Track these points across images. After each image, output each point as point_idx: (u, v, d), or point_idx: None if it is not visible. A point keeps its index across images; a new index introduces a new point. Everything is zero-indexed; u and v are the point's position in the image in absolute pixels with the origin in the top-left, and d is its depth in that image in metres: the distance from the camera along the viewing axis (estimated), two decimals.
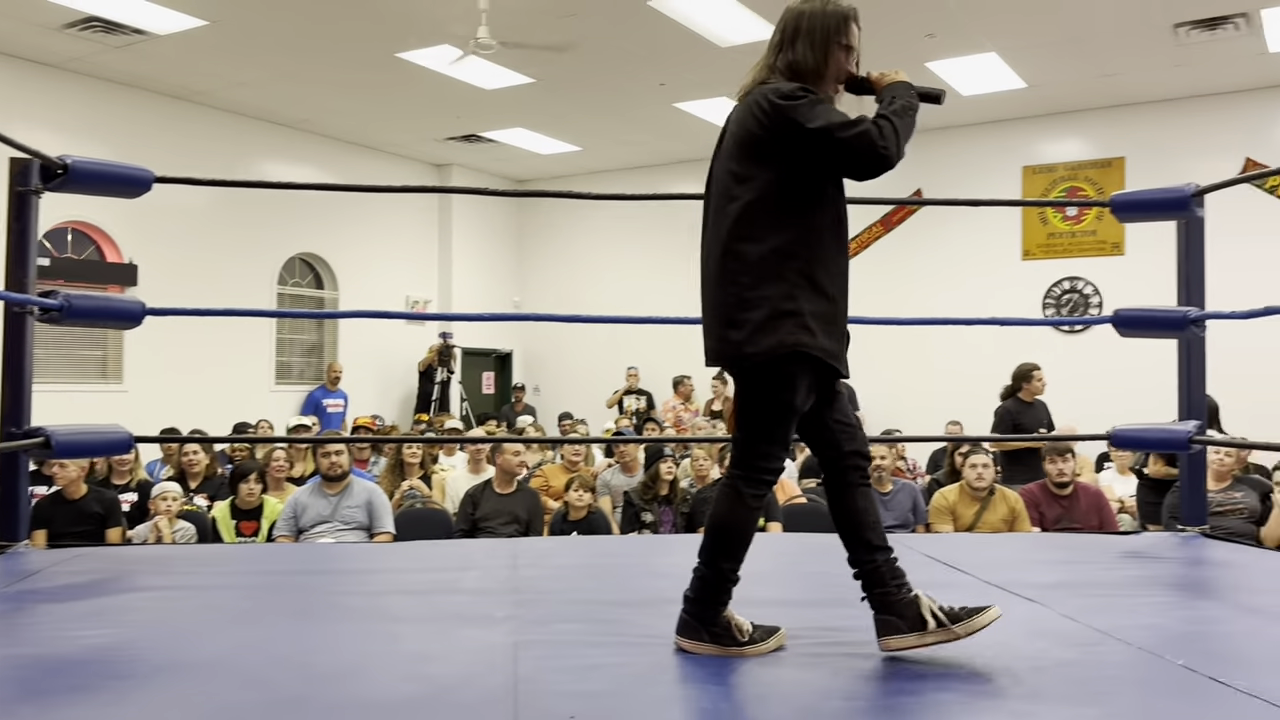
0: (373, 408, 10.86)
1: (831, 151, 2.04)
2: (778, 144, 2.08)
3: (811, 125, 2.04)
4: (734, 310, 2.12)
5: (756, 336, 2.08)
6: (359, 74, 8.80)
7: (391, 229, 11.74)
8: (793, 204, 2.10)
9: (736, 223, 2.13)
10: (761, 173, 2.10)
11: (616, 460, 6.85)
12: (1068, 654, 2.13)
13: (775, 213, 2.09)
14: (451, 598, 2.67)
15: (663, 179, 12.17)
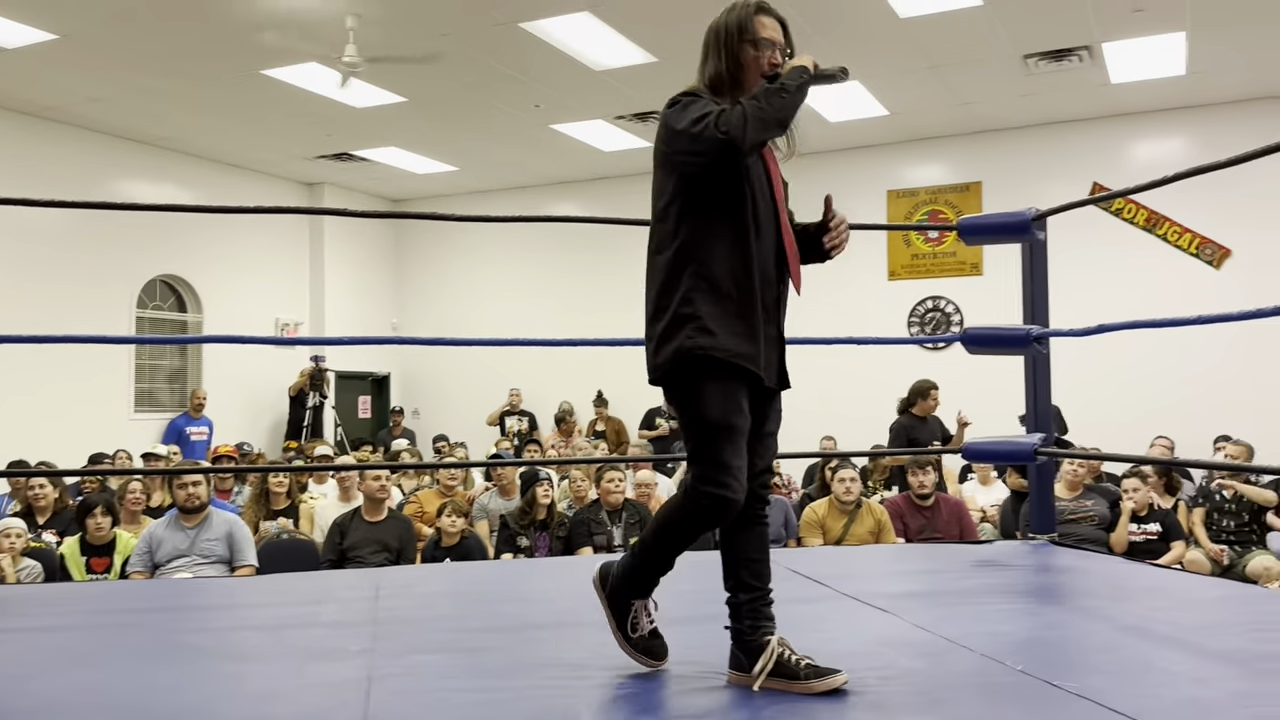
0: (240, 435, 10.49)
1: (686, 147, 2.03)
2: (669, 151, 2.09)
3: (678, 126, 2.04)
4: (648, 324, 2.11)
5: (662, 346, 2.05)
6: (223, 91, 8.54)
7: (260, 249, 11.41)
8: (691, 207, 2.08)
9: (651, 236, 2.14)
10: (668, 183, 2.10)
11: (494, 483, 6.79)
12: (914, 663, 2.19)
13: (677, 218, 2.09)
14: (305, 632, 2.59)
15: (542, 200, 12.16)
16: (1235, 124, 8.92)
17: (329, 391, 11.21)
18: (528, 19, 6.99)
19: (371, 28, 7.05)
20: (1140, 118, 9.34)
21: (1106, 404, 8.84)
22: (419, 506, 6.44)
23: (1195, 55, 7.74)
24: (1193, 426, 8.40)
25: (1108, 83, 8.38)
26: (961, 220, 3.77)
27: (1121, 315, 8.61)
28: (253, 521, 6.18)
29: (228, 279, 11.01)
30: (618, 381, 11.05)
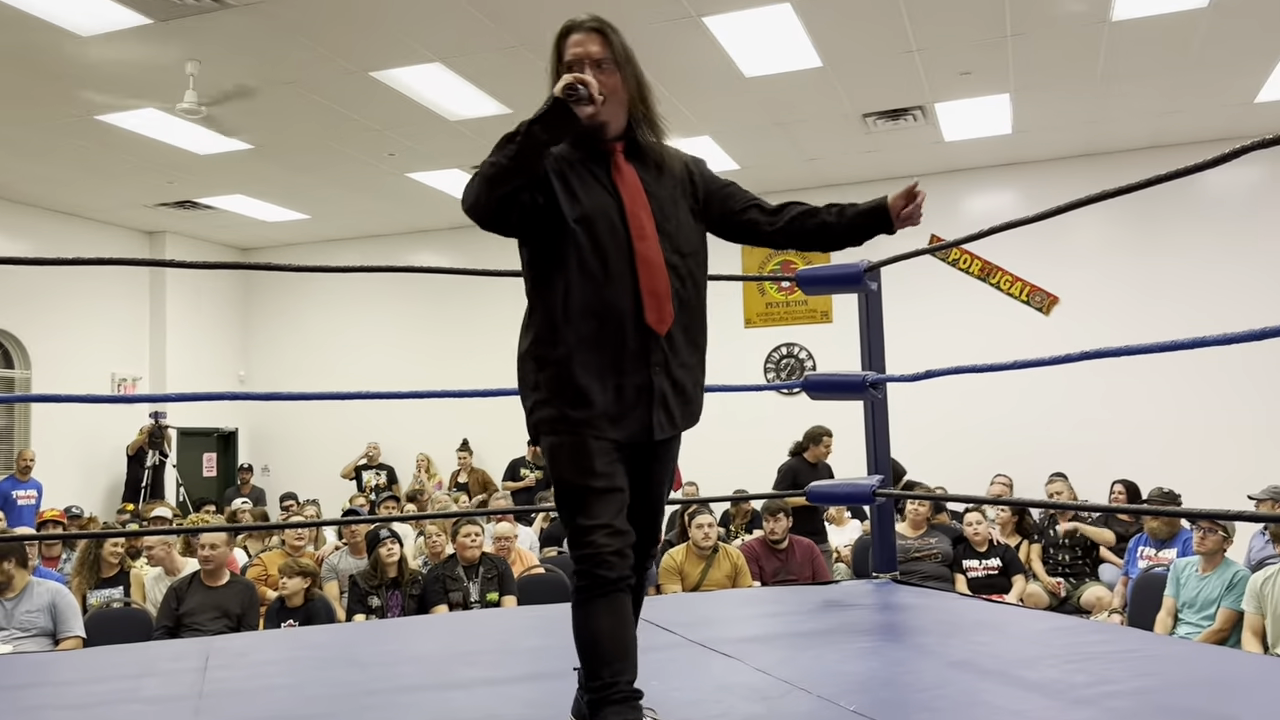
0: (73, 497, 9.85)
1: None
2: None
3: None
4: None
5: (526, 412, 2.04)
6: (56, 137, 8.14)
7: (95, 301, 10.83)
8: (532, 262, 2.06)
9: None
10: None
11: (346, 541, 6.57)
12: (754, 707, 2.22)
13: (527, 276, 2.08)
14: (122, 709, 2.43)
15: (398, 248, 11.99)
16: (1058, 178, 9.54)
17: (170, 449, 10.68)
18: (378, 69, 6.93)
19: (213, 74, 6.86)
20: (972, 173, 9.90)
21: (948, 444, 9.23)
22: (264, 569, 6.16)
23: (1019, 115, 8.26)
24: (1030, 464, 8.84)
25: (941, 140, 8.85)
26: (800, 272, 3.90)
27: (959, 359, 8.99)
28: (81, 591, 5.80)
29: (60, 333, 10.40)
30: (482, 430, 10.90)
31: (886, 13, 6.23)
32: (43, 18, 5.99)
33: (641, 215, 2.00)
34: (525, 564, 6.48)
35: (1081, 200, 3.00)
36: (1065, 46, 6.85)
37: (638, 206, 2.01)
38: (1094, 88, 7.66)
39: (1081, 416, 9.17)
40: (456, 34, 6.36)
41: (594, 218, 1.99)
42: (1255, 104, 8.01)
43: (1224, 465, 8.26)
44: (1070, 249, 9.43)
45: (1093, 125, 8.61)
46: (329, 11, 6.04)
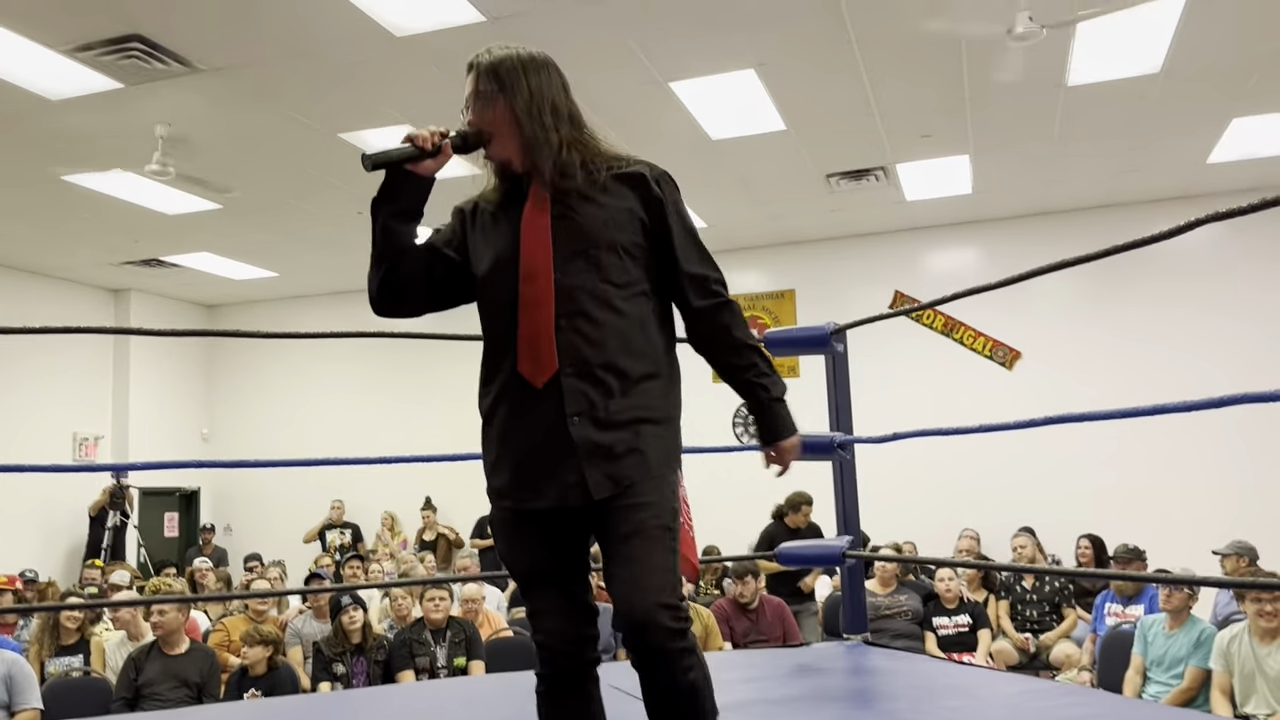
0: (31, 560, 9.63)
1: None
2: None
3: None
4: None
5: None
6: (19, 195, 8.09)
7: (57, 358, 10.67)
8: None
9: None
10: None
11: (310, 605, 6.46)
12: None
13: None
14: None
15: (364, 304, 11.81)
16: (1017, 236, 9.73)
17: (132, 510, 10.49)
18: (345, 130, 6.98)
19: (182, 135, 6.87)
20: (934, 231, 10.08)
21: (914, 497, 9.26)
22: (226, 635, 6.04)
23: (979, 175, 8.45)
24: (997, 516, 8.89)
25: (903, 200, 9.02)
26: (768, 334, 3.94)
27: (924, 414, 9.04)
28: (39, 659, 5.66)
29: (21, 390, 10.24)
30: (447, 486, 10.79)
31: (848, 78, 6.37)
32: (13, 83, 5.98)
33: (537, 252, 1.83)
34: (493, 627, 6.41)
35: (1044, 268, 3.08)
36: (1022, 110, 7.03)
37: (535, 243, 1.84)
38: (1051, 149, 7.86)
39: (1048, 469, 9.25)
40: (425, 97, 6.43)
41: (492, 268, 1.89)
42: (1208, 164, 8.24)
43: (1190, 518, 8.35)
44: (1031, 305, 9.58)
45: (1050, 184, 8.82)
46: (298, 75, 6.09)
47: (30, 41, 5.53)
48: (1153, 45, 6.02)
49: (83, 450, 10.90)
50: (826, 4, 5.43)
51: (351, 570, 8.20)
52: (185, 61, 5.83)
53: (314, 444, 11.53)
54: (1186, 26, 5.76)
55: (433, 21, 5.50)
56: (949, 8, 5.50)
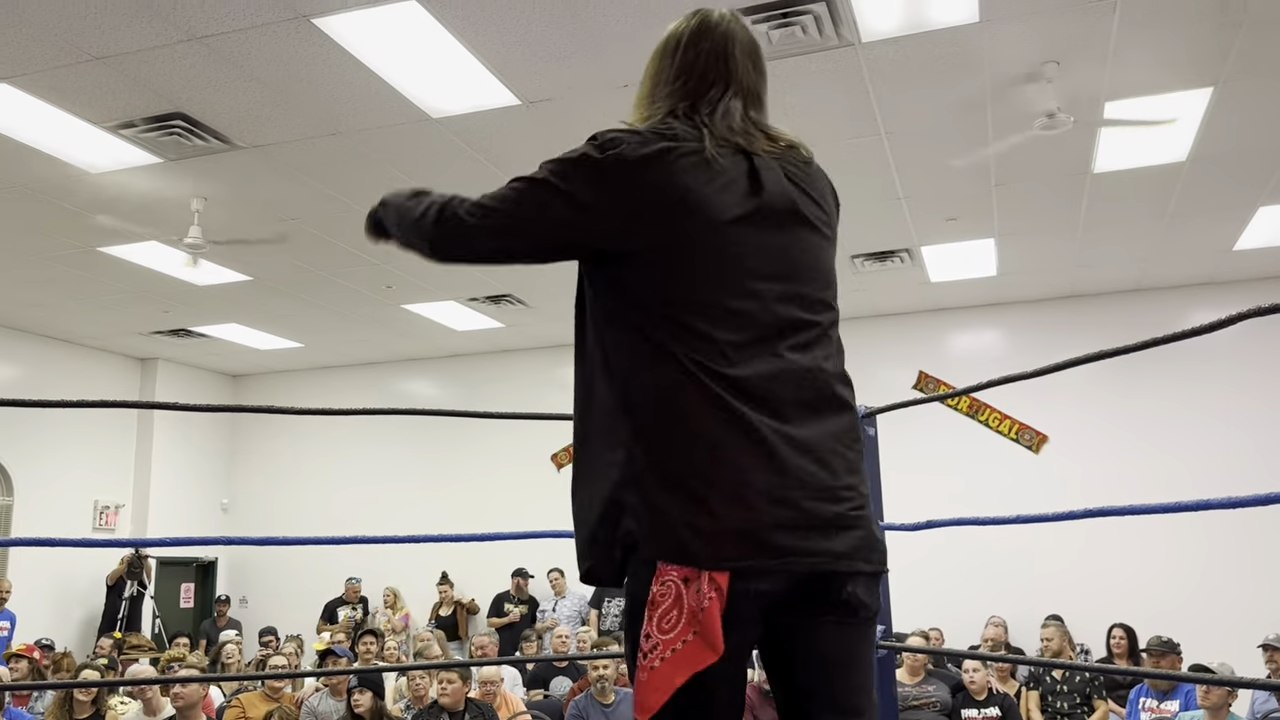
0: (47, 629, 9.58)
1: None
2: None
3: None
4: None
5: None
6: (57, 267, 8.24)
7: (81, 426, 10.74)
8: None
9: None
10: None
11: (325, 683, 6.37)
12: None
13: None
14: None
15: (391, 376, 12.02)
16: (1043, 319, 9.72)
17: (149, 581, 10.44)
18: None
19: (217, 210, 7.00)
20: (958, 312, 10.07)
21: (941, 584, 9.10)
22: (241, 712, 5.95)
23: (1004, 258, 8.47)
24: (1026, 603, 8.72)
25: (927, 280, 9.04)
26: None
27: (949, 497, 8.96)
28: None
29: (44, 459, 10.29)
30: (465, 561, 10.68)
31: (875, 165, 6.44)
32: (55, 155, 6.14)
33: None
34: (512, 709, 6.29)
35: (1079, 359, 3.03)
36: (1048, 196, 7.07)
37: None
38: (1077, 234, 7.88)
39: (1078, 554, 9.09)
40: (459, 176, 6.53)
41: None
42: (1235, 251, 8.24)
43: (1225, 608, 8.17)
44: (1059, 388, 9.50)
45: (1076, 269, 8.83)
46: (334, 153, 6.22)
47: (75, 118, 5.69)
48: (1179, 134, 6.07)
49: (103, 519, 10.91)
50: (857, 95, 5.51)
51: (365, 646, 8.09)
52: (224, 138, 5.97)
53: (334, 515, 11.51)
54: (1213, 116, 5.81)
55: (468, 104, 5.62)
56: (978, 97, 5.58)
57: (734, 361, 1.48)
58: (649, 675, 1.43)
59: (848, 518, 1.49)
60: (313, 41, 4.93)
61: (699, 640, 1.40)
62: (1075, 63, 5.20)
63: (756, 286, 1.54)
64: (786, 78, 5.34)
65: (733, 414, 1.46)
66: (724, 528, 1.42)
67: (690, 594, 1.42)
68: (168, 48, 4.96)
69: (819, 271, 1.63)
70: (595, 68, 5.22)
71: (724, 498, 1.43)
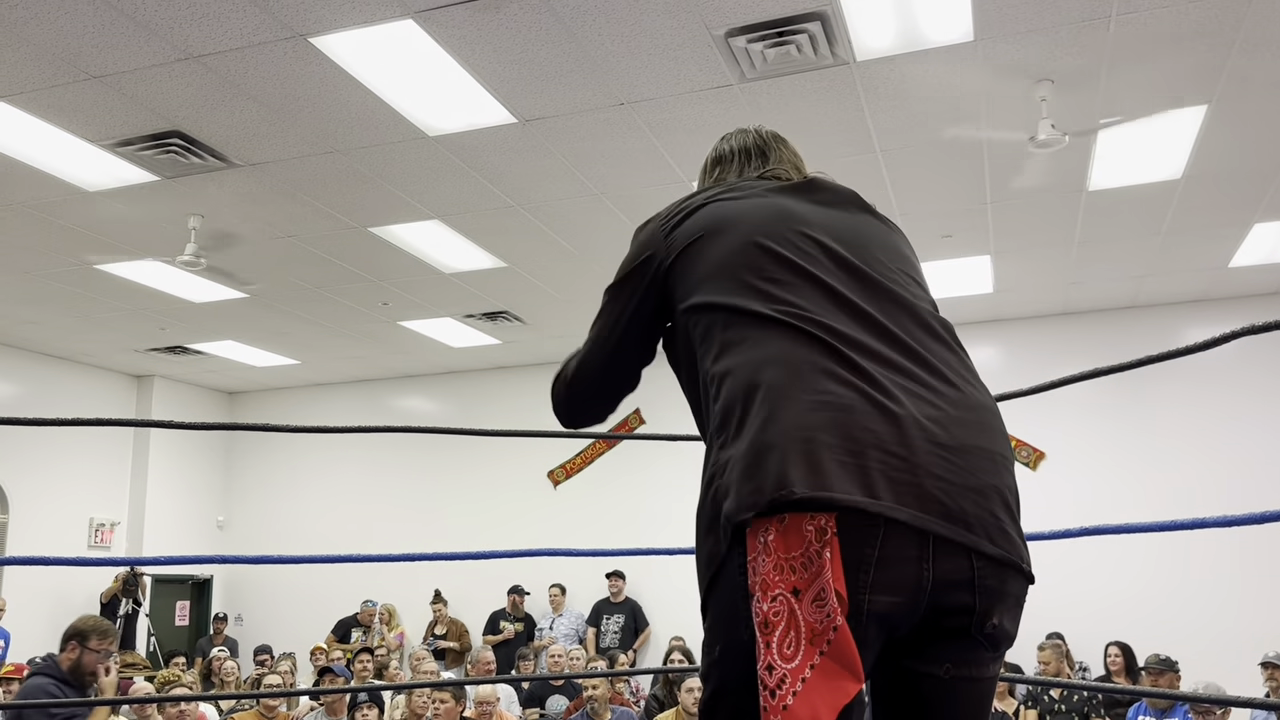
0: (42, 646, 9.50)
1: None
2: None
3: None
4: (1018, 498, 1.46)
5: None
6: (51, 284, 8.23)
7: (77, 442, 10.70)
8: None
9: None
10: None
11: (322, 703, 6.33)
12: None
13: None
14: None
15: (386, 392, 12.00)
16: (1039, 336, 9.72)
17: (144, 598, 10.39)
18: (377, 225, 7.10)
19: (215, 227, 7.01)
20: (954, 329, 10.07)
21: None
22: None
23: (1000, 276, 8.48)
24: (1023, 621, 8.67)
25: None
26: None
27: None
28: None
29: (39, 476, 10.26)
30: (458, 579, 10.64)
31: (870, 183, 6.45)
32: (53, 174, 6.14)
33: None
34: None
35: (1078, 375, 3.03)
36: (1044, 213, 7.09)
37: None
38: (1073, 251, 7.90)
39: (1076, 572, 9.06)
40: (456, 194, 6.55)
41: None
42: (1230, 268, 8.26)
43: (1224, 625, 8.14)
44: (1055, 405, 9.50)
45: (1072, 286, 8.84)
46: (331, 171, 6.23)
47: (72, 136, 5.69)
48: (1174, 151, 6.09)
49: (98, 536, 10.87)
50: (850, 109, 5.53)
51: (361, 664, 8.06)
52: (222, 156, 5.98)
53: (330, 533, 11.48)
54: (1208, 133, 5.84)
55: (464, 122, 5.63)
56: (973, 117, 5.60)
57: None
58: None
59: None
60: (309, 60, 4.95)
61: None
62: (1069, 81, 5.22)
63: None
64: (781, 97, 5.36)
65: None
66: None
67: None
68: (165, 66, 4.98)
69: (895, 271, 1.71)
70: (591, 86, 5.24)
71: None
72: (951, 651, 1.38)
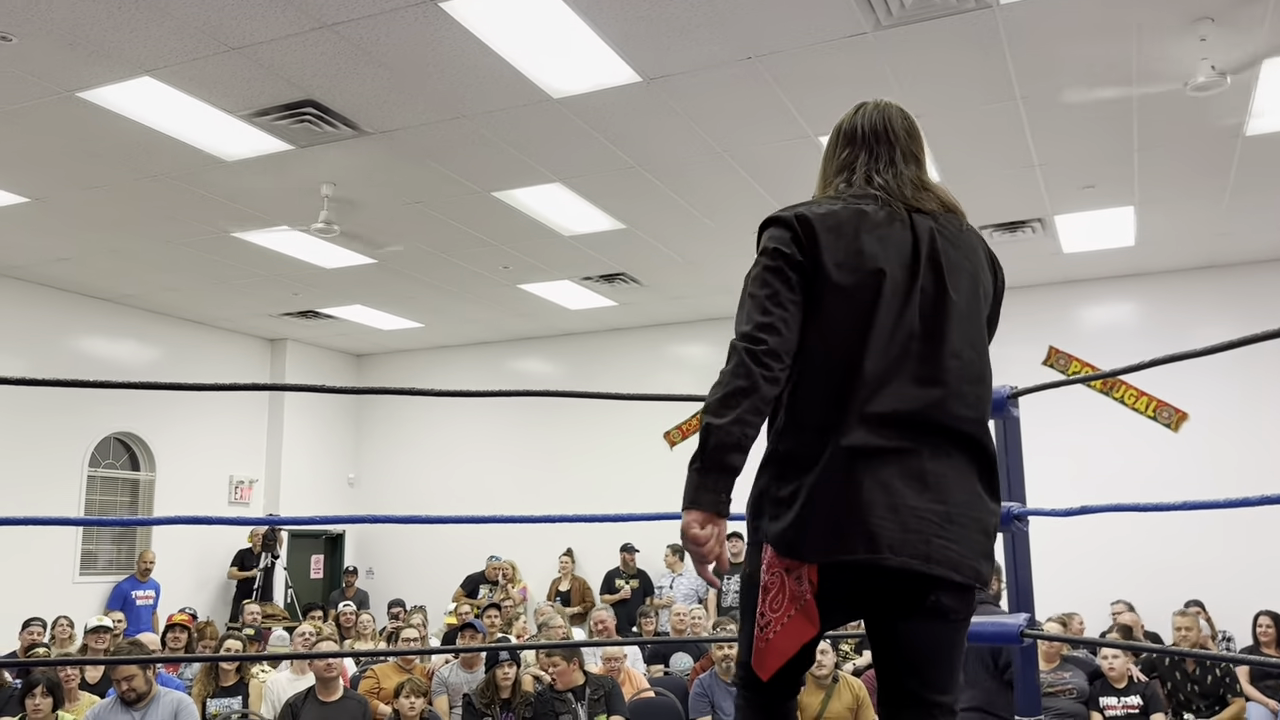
0: (187, 598, 10.08)
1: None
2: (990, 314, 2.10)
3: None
4: (996, 517, 1.88)
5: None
6: (193, 252, 8.57)
7: (217, 404, 11.18)
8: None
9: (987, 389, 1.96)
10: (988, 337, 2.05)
11: (457, 657, 6.50)
12: None
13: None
14: None
15: (507, 355, 12.19)
16: (1182, 290, 9.24)
17: (281, 551, 10.85)
18: (500, 189, 7.15)
19: (346, 194, 7.16)
20: (1092, 284, 9.65)
21: (1075, 568, 8.77)
22: (375, 682, 6.13)
23: (1143, 227, 8.06)
24: (1162, 588, 8.35)
25: (1060, 251, 8.68)
26: None
27: (1081, 478, 8.58)
28: (200, 698, 5.85)
29: (182, 436, 10.78)
30: (587, 537, 10.77)
31: (1009, 130, 6.18)
32: (193, 144, 6.35)
33: None
34: (635, 686, 6.32)
35: (1234, 342, 2.82)
36: (1195, 160, 6.69)
37: None
38: (1223, 200, 7.45)
39: (1219, 538, 8.64)
40: (578, 156, 6.53)
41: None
42: None
43: None
44: (1199, 362, 9.03)
45: (1220, 237, 8.35)
46: (457, 137, 6.28)
47: (211, 107, 5.87)
48: None
49: (238, 493, 11.38)
50: (991, 56, 5.29)
51: (489, 620, 8.25)
52: (353, 125, 6.09)
53: (455, 490, 11.77)
54: None
55: (590, 83, 5.59)
56: (1122, 60, 5.29)
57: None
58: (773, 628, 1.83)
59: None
60: (439, 25, 4.97)
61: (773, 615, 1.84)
62: (1231, 18, 4.87)
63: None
64: (918, 44, 5.16)
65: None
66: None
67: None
68: (299, 36, 5.07)
69: (957, 313, 1.95)
70: (719, 40, 5.13)
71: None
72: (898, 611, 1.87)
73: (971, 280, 1.92)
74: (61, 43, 5.10)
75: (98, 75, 5.46)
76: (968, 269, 1.92)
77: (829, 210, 1.87)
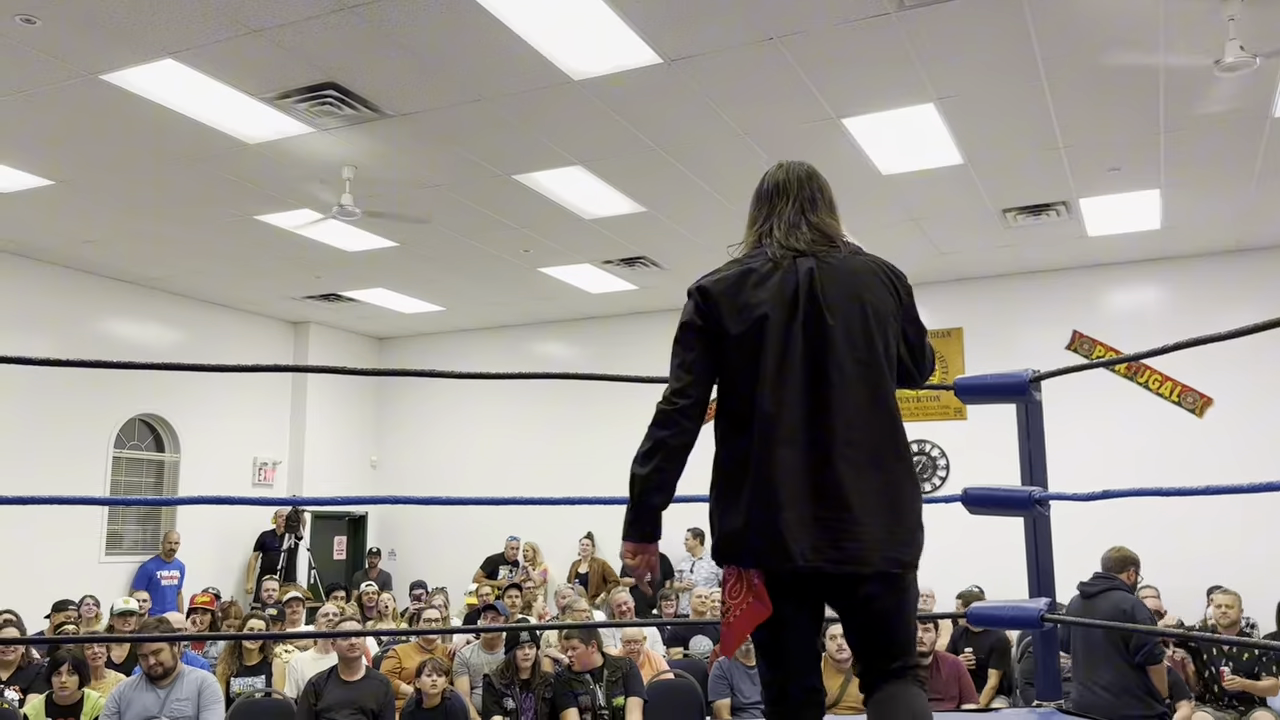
0: (211, 578, 10.18)
1: (929, 368, 2.38)
2: (899, 325, 2.25)
3: (919, 319, 2.32)
4: (914, 504, 2.15)
5: (919, 537, 2.15)
6: (217, 234, 8.63)
7: (241, 386, 11.27)
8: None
9: (894, 405, 2.17)
10: (891, 350, 2.21)
11: (479, 638, 6.54)
12: None
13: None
14: None
15: (528, 338, 12.21)
16: (1208, 274, 9.14)
17: (304, 532, 10.95)
18: (521, 172, 7.15)
19: (368, 177, 7.18)
20: (1117, 268, 9.55)
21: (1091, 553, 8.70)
22: (397, 662, 6.18)
23: (1169, 210, 7.97)
24: (1181, 576, 8.28)
25: (1084, 235, 8.60)
26: (958, 380, 3.76)
27: (1105, 463, 8.52)
28: (224, 677, 5.92)
29: (206, 417, 10.87)
30: (611, 520, 10.78)
31: (1034, 111, 6.12)
32: (216, 127, 6.39)
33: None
34: (655, 668, 6.33)
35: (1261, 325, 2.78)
36: (1222, 143, 6.60)
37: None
38: (1251, 184, 7.35)
39: (1238, 524, 8.56)
40: (598, 138, 6.52)
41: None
42: None
43: None
44: (1223, 347, 8.92)
45: (1247, 221, 8.25)
46: (478, 119, 6.28)
47: (234, 90, 5.89)
48: None
49: (262, 474, 11.48)
50: (1017, 36, 5.23)
51: (510, 600, 8.30)
52: (375, 107, 6.10)
53: (477, 471, 11.83)
54: None
55: (610, 65, 5.57)
56: (1149, 39, 5.22)
57: None
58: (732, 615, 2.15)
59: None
60: (460, 7, 4.96)
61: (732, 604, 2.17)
62: None
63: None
64: (941, 24, 5.11)
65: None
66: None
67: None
68: (321, 18, 5.08)
69: (843, 337, 2.22)
70: (740, 20, 5.10)
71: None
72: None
73: (852, 302, 2.18)
74: (84, 25, 5.13)
75: (120, 58, 5.49)
76: (848, 293, 2.19)
77: (722, 276, 2.25)
